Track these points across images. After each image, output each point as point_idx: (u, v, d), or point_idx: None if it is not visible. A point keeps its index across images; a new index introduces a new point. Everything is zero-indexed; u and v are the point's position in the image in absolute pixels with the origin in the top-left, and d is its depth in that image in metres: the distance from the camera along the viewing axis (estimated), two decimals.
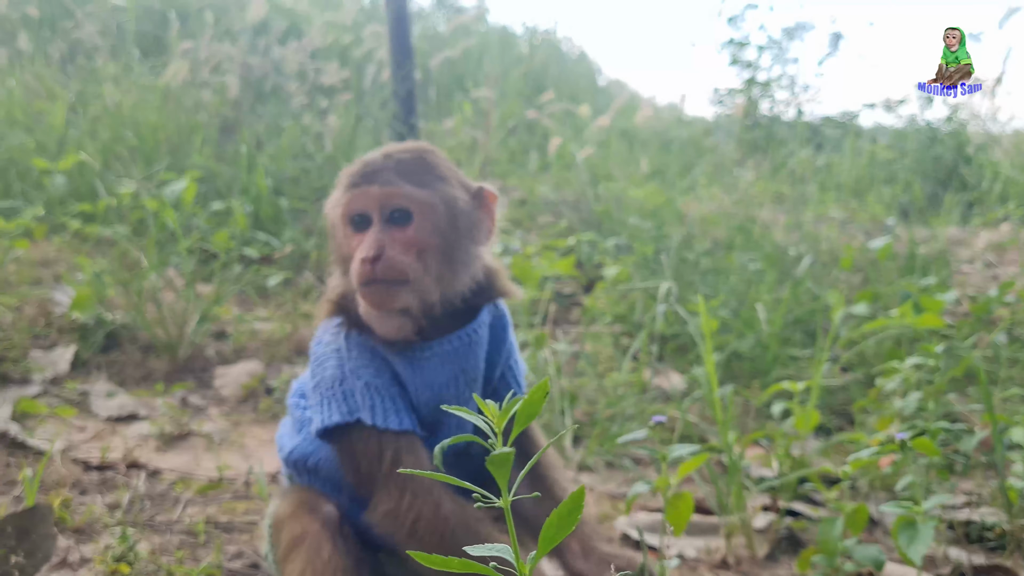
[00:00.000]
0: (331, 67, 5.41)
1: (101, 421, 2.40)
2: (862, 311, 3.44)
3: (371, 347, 1.31)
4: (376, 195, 1.25)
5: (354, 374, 1.27)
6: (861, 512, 1.85)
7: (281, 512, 1.33)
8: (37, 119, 4.23)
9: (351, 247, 1.27)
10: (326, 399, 1.27)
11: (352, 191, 1.27)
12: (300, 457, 1.37)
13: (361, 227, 1.27)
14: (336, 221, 1.31)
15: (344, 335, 1.32)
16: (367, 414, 1.24)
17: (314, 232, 3.98)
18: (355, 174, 1.29)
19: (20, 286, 2.98)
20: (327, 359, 1.31)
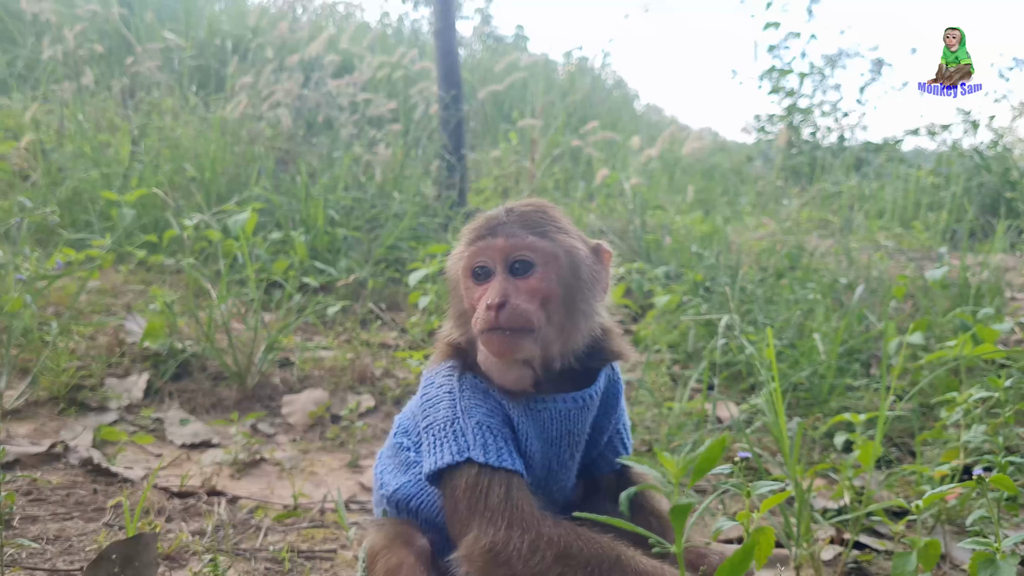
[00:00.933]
0: (380, 99, 5.51)
1: (176, 448, 2.46)
2: (917, 341, 3.43)
3: (484, 389, 1.33)
4: (499, 247, 1.29)
5: (466, 413, 1.30)
6: (934, 547, 1.85)
7: (376, 544, 1.36)
8: (102, 151, 4.36)
9: (473, 298, 1.31)
10: (438, 441, 1.29)
11: (476, 244, 1.31)
12: (404, 497, 1.40)
13: (483, 279, 1.30)
14: (458, 274, 1.34)
15: (457, 377, 1.34)
16: (478, 452, 1.25)
17: (369, 260, 4.06)
18: (478, 228, 1.33)
19: (92, 315, 3.07)
20: (439, 401, 1.33)
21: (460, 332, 1.36)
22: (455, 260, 1.36)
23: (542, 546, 1.18)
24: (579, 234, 1.38)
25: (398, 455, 1.44)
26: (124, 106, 5.21)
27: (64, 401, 2.56)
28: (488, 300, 1.26)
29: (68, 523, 1.89)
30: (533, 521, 1.21)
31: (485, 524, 1.21)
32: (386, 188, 4.77)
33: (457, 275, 1.36)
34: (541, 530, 1.20)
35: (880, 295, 4.21)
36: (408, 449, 1.42)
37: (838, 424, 2.94)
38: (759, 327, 3.65)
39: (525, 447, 1.32)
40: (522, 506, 1.22)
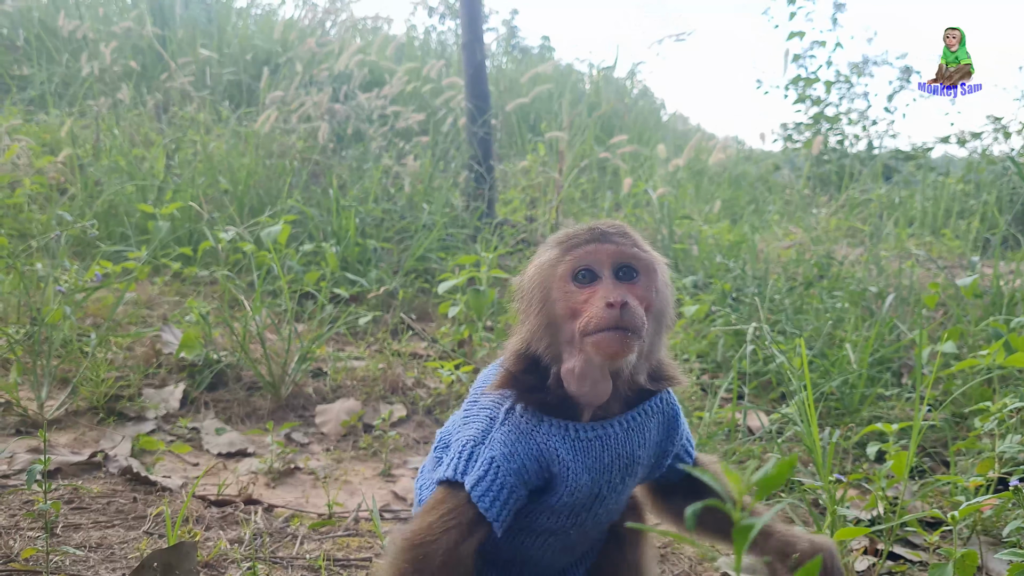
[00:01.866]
0: (408, 111, 5.56)
1: (213, 457, 2.50)
2: (950, 350, 3.40)
3: (530, 430, 1.30)
4: (609, 251, 1.28)
5: (490, 445, 1.29)
6: (971, 558, 1.84)
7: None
8: (138, 165, 4.44)
9: (575, 302, 1.27)
10: (454, 454, 1.31)
11: (580, 248, 1.29)
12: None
13: (587, 282, 1.28)
14: (549, 280, 1.30)
15: (506, 409, 1.32)
16: (471, 480, 1.27)
17: (399, 271, 4.09)
18: (577, 236, 1.31)
19: (129, 327, 3.13)
20: (478, 420, 1.33)
21: (543, 344, 1.30)
22: (545, 267, 1.31)
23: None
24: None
25: (437, 467, 1.43)
26: (159, 121, 5.31)
27: (103, 411, 2.61)
28: (609, 298, 1.22)
29: (109, 531, 1.93)
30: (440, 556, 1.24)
31: (417, 521, 1.26)
32: (415, 199, 4.82)
33: (548, 282, 1.30)
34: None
35: (911, 304, 4.19)
36: (439, 461, 1.43)
37: (870, 434, 2.93)
38: (788, 336, 3.64)
39: (570, 482, 1.30)
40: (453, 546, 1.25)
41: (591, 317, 1.23)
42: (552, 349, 1.30)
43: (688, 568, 2.16)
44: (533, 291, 1.33)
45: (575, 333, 1.26)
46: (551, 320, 1.29)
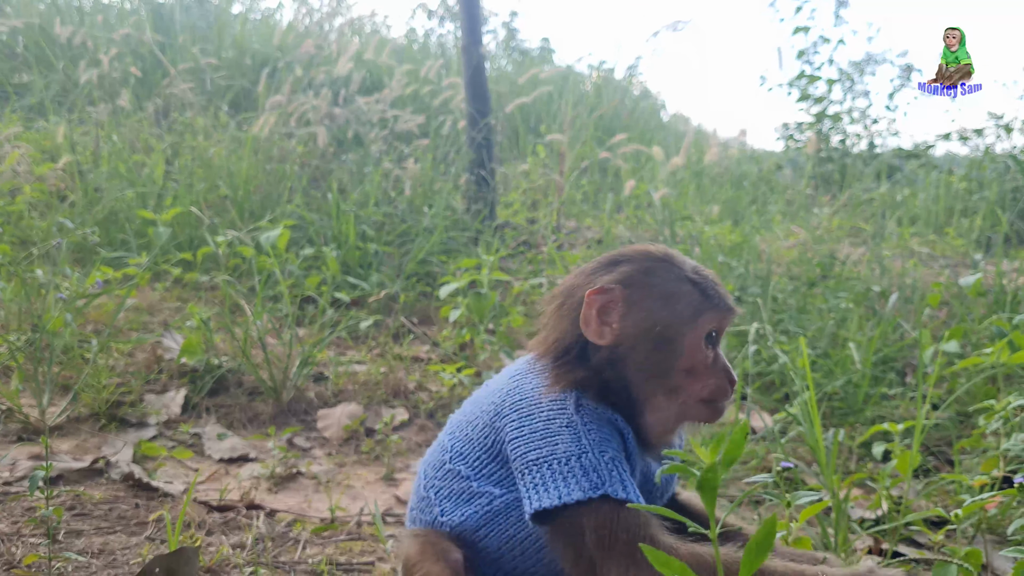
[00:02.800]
0: (408, 114, 5.56)
1: (214, 462, 2.50)
2: (953, 348, 3.39)
3: (608, 419, 1.29)
4: (731, 319, 1.33)
5: (596, 447, 1.24)
6: (975, 557, 1.83)
7: (411, 555, 1.35)
8: (137, 171, 4.44)
9: (698, 360, 1.29)
10: (559, 475, 1.22)
11: (722, 311, 1.31)
12: (471, 528, 1.36)
13: (710, 343, 1.31)
14: (687, 328, 1.29)
15: (574, 407, 1.28)
16: (617, 488, 1.20)
17: (400, 275, 4.09)
18: (718, 293, 1.33)
19: (130, 333, 3.13)
20: (557, 434, 1.25)
21: (636, 375, 1.30)
22: (682, 309, 1.30)
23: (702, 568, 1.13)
24: None
25: (451, 482, 1.38)
26: (158, 126, 5.31)
27: (104, 417, 2.60)
28: (731, 375, 1.29)
29: (111, 537, 1.92)
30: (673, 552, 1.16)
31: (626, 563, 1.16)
32: (416, 203, 4.82)
33: (682, 327, 1.29)
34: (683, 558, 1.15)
35: (914, 303, 4.17)
36: (468, 479, 1.36)
37: (875, 434, 2.93)
38: (791, 336, 3.64)
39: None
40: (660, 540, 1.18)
41: (717, 389, 1.29)
42: (650, 385, 1.30)
43: None
44: (656, 322, 1.30)
45: (688, 391, 1.29)
46: (666, 363, 1.29)
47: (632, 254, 1.37)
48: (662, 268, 1.33)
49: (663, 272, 1.33)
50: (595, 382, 1.31)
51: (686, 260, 1.35)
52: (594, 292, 1.30)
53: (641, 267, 1.34)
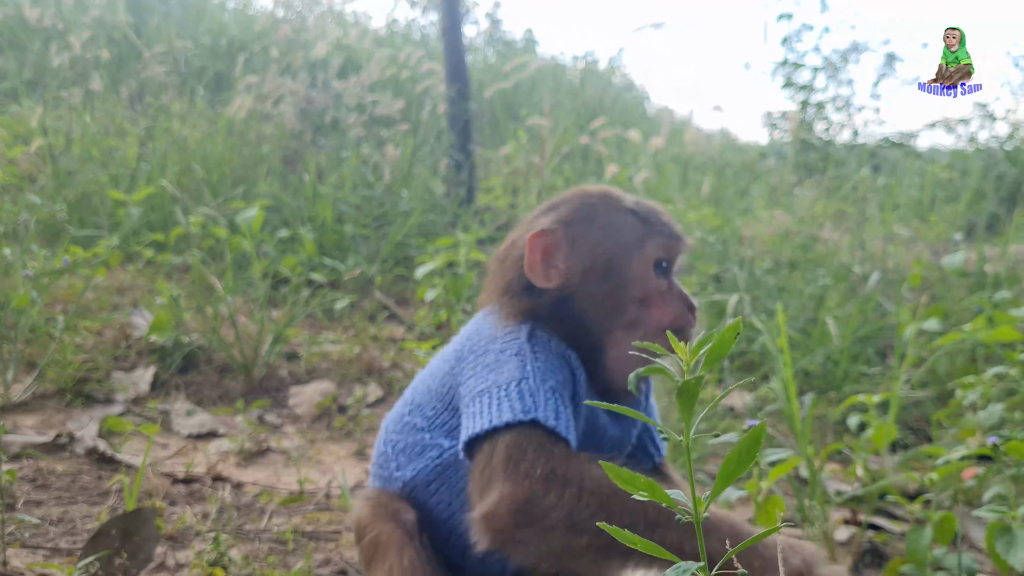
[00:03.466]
0: (387, 98, 5.51)
1: (182, 438, 2.45)
2: (933, 327, 3.38)
3: (561, 353, 1.24)
4: (682, 247, 1.31)
5: (539, 375, 1.18)
6: (949, 521, 1.81)
7: (361, 516, 1.32)
8: (110, 154, 4.38)
9: (653, 288, 1.27)
10: (495, 400, 1.16)
11: (670, 239, 1.29)
12: (423, 483, 1.32)
13: (661, 273, 1.29)
14: (634, 255, 1.27)
15: (527, 337, 1.24)
16: (549, 416, 1.14)
17: (377, 258, 4.05)
18: (661, 221, 1.31)
19: (99, 312, 3.07)
20: (505, 363, 1.21)
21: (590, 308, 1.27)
22: (627, 236, 1.28)
23: (584, 497, 1.07)
24: None
25: (408, 434, 1.35)
26: (132, 110, 5.24)
27: (71, 393, 2.55)
28: (689, 302, 1.27)
29: (72, 507, 1.88)
30: (577, 474, 1.09)
31: (520, 478, 1.09)
32: (394, 187, 4.77)
33: (628, 254, 1.27)
34: (584, 483, 1.09)
35: (896, 285, 4.16)
36: (423, 431, 1.32)
37: (852, 409, 2.91)
38: (771, 315, 3.62)
39: (588, 414, 1.28)
40: (569, 460, 1.11)
41: (675, 316, 1.25)
42: (605, 323, 1.27)
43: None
44: (601, 255, 1.27)
45: (645, 323, 1.26)
46: (618, 295, 1.26)
47: (569, 195, 1.35)
48: (601, 204, 1.31)
49: (602, 207, 1.31)
50: (548, 315, 1.27)
51: (625, 195, 1.33)
52: (535, 236, 1.28)
53: (579, 204, 1.32)
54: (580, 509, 1.07)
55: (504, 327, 1.27)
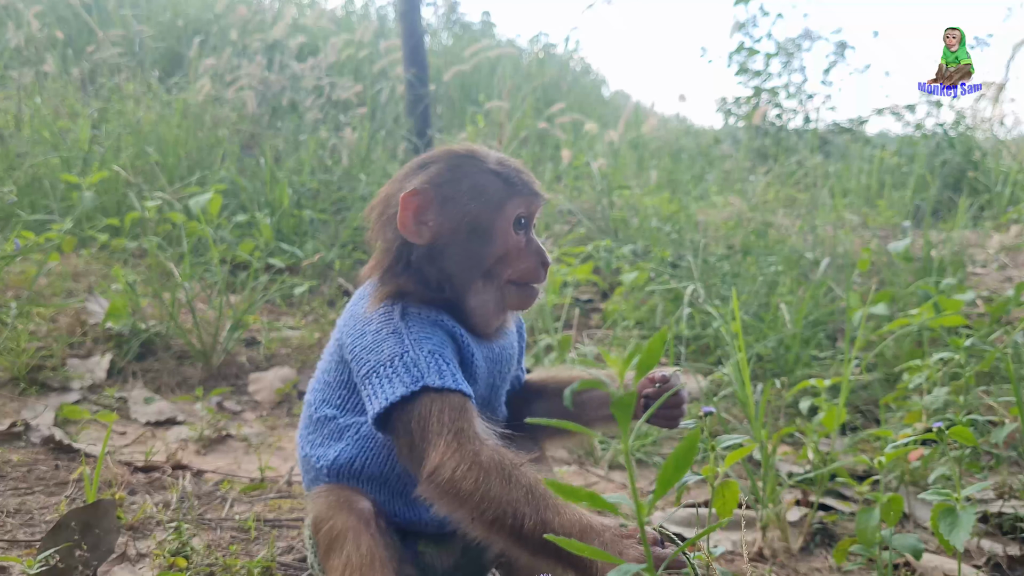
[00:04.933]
0: (346, 82, 5.47)
1: (141, 426, 2.44)
2: (881, 311, 3.47)
3: (433, 320, 1.34)
4: (539, 204, 1.40)
5: (416, 344, 1.28)
6: (896, 502, 1.87)
7: (318, 512, 1.35)
8: (62, 137, 4.29)
9: (511, 245, 1.36)
10: (386, 379, 1.26)
11: (527, 196, 1.37)
12: (346, 462, 1.38)
13: (520, 229, 1.37)
14: (495, 214, 1.35)
15: (400, 313, 1.33)
16: (434, 378, 1.24)
17: (336, 243, 4.03)
18: (523, 178, 1.39)
19: (53, 298, 3.03)
20: (383, 341, 1.30)
21: (452, 266, 1.36)
22: (489, 196, 1.36)
23: (495, 466, 1.17)
24: None
25: (323, 428, 1.41)
26: (84, 92, 5.13)
27: (24, 382, 2.52)
28: (544, 258, 1.37)
29: (29, 497, 1.86)
30: (488, 440, 1.22)
31: (443, 446, 1.19)
32: (353, 171, 4.75)
33: (490, 214, 1.36)
34: (497, 452, 1.20)
35: (845, 270, 4.26)
36: (335, 418, 1.40)
37: (803, 393, 2.98)
38: (725, 301, 3.68)
39: (475, 369, 1.36)
40: (477, 426, 1.23)
41: (526, 270, 1.36)
42: (466, 274, 1.36)
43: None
44: (465, 214, 1.36)
45: (500, 275, 1.36)
46: (480, 251, 1.35)
47: (438, 155, 1.43)
48: (467, 163, 1.39)
49: (469, 167, 1.39)
50: (417, 286, 1.36)
51: (490, 153, 1.41)
52: (407, 195, 1.36)
53: (448, 165, 1.40)
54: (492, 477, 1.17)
55: (376, 306, 1.35)
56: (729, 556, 2.01)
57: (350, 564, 1.27)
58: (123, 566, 1.59)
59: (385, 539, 1.32)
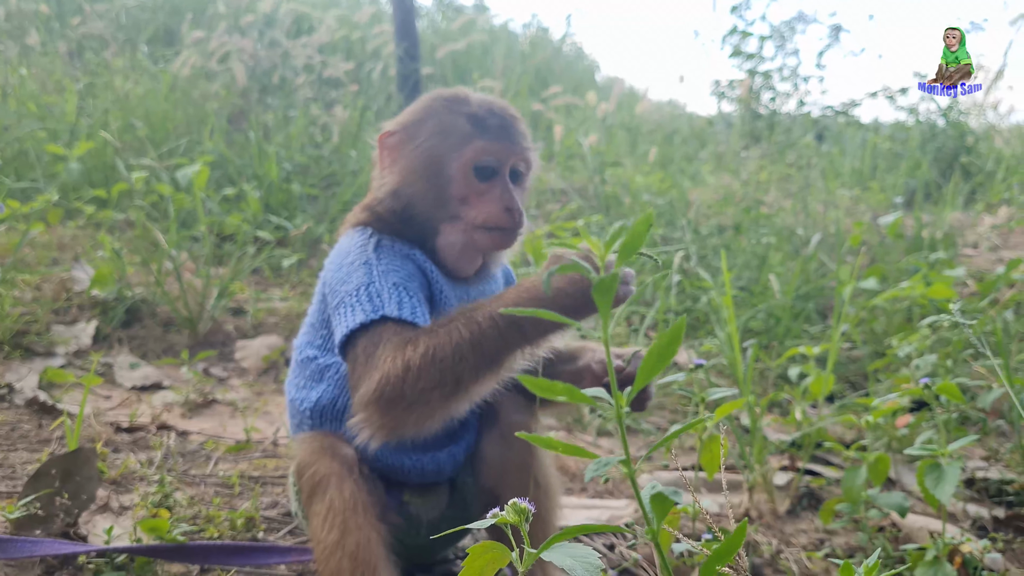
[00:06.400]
0: (338, 60, 5.44)
1: (126, 390, 2.42)
2: (871, 286, 3.47)
3: (404, 253, 1.34)
4: (512, 152, 1.35)
5: (383, 276, 1.29)
6: (883, 462, 1.87)
7: (301, 458, 1.34)
8: (48, 110, 4.25)
9: (472, 191, 1.34)
10: (348, 308, 1.27)
11: (487, 140, 1.34)
12: (328, 402, 1.37)
13: (486, 176, 1.34)
14: (454, 158, 1.34)
15: (374, 246, 1.33)
16: (393, 308, 1.24)
17: (325, 218, 4.01)
18: (489, 123, 1.35)
19: (38, 267, 3.00)
20: (353, 272, 1.30)
21: (421, 205, 1.36)
22: (450, 139, 1.34)
23: (428, 361, 1.16)
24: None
25: (305, 370, 1.41)
26: (71, 66, 5.09)
27: (8, 346, 2.49)
28: (509, 204, 1.33)
29: (12, 454, 1.85)
30: (418, 344, 1.18)
31: (379, 366, 1.18)
32: (343, 148, 4.72)
33: (449, 158, 1.34)
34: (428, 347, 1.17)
35: (836, 246, 4.26)
36: (316, 358, 1.40)
37: (792, 362, 2.98)
38: (716, 274, 3.67)
39: (444, 307, 1.36)
40: (418, 332, 1.22)
41: (489, 215, 1.33)
42: (431, 214, 1.36)
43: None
44: (427, 155, 1.35)
45: (465, 218, 1.35)
46: (440, 193, 1.35)
47: (424, 97, 1.43)
48: (443, 106, 1.38)
49: (443, 109, 1.37)
50: (390, 217, 1.37)
51: (476, 97, 1.39)
52: (383, 135, 1.38)
53: (422, 107, 1.39)
54: (440, 354, 1.16)
55: (353, 240, 1.35)
56: (716, 518, 2.01)
57: (333, 508, 1.26)
58: (105, 516, 1.58)
59: (368, 485, 1.31)
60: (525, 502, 0.73)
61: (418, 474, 1.41)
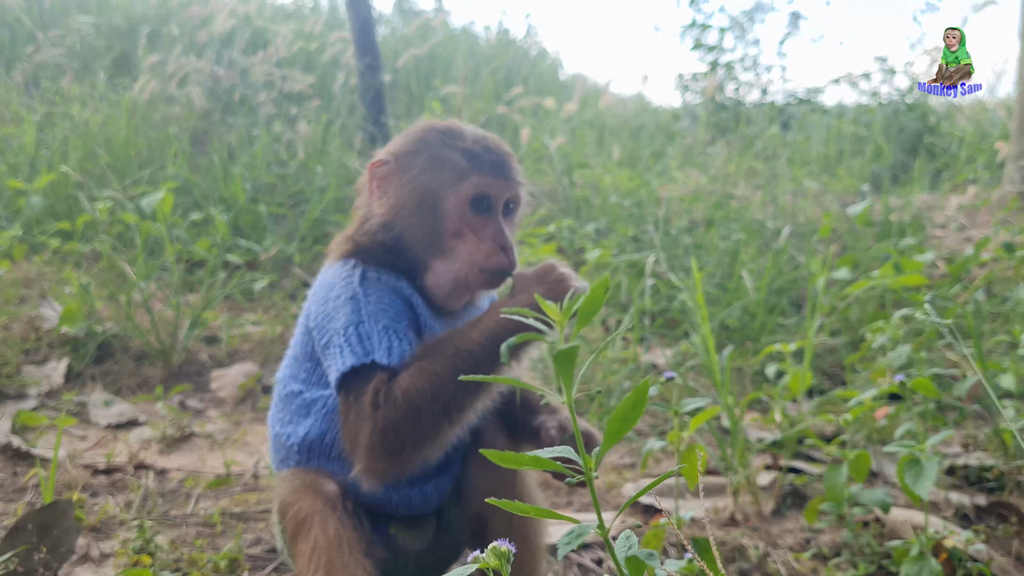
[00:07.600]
0: (297, 73, 5.40)
1: (101, 429, 2.39)
2: (844, 276, 3.50)
3: (392, 287, 1.32)
4: (507, 187, 1.34)
5: (371, 318, 1.28)
6: (863, 459, 1.89)
7: (285, 496, 1.32)
8: (6, 142, 4.19)
9: (466, 226, 1.33)
10: (338, 348, 1.26)
11: (488, 176, 1.32)
12: (316, 437, 1.35)
13: (482, 210, 1.32)
14: (450, 193, 1.32)
15: (359, 279, 1.32)
16: (383, 355, 1.24)
17: (295, 237, 3.98)
18: (484, 159, 1.33)
19: (5, 306, 2.96)
20: (340, 308, 1.29)
21: (412, 239, 1.34)
22: (446, 174, 1.32)
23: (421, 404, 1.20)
24: None
25: (290, 404, 1.39)
26: (28, 96, 5.01)
27: None
28: (503, 243, 1.32)
29: None
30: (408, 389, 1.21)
31: (371, 414, 1.21)
32: (309, 164, 4.69)
33: (444, 192, 1.32)
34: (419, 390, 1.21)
35: (807, 237, 4.29)
36: (302, 392, 1.37)
37: (770, 359, 3.00)
38: (689, 272, 3.69)
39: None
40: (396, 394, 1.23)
41: (485, 255, 1.32)
42: (423, 248, 1.34)
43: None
44: (421, 189, 1.33)
45: (457, 256, 1.33)
46: (433, 227, 1.33)
47: (415, 128, 1.41)
48: (437, 138, 1.36)
49: (436, 141, 1.35)
50: (377, 249, 1.35)
51: (470, 131, 1.37)
52: (373, 164, 1.36)
53: (416, 137, 1.37)
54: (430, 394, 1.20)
55: (337, 273, 1.33)
56: (702, 523, 2.01)
57: (318, 547, 1.25)
58: (85, 567, 1.55)
59: (353, 521, 1.30)
60: (507, 544, 0.73)
61: (406, 507, 1.40)
